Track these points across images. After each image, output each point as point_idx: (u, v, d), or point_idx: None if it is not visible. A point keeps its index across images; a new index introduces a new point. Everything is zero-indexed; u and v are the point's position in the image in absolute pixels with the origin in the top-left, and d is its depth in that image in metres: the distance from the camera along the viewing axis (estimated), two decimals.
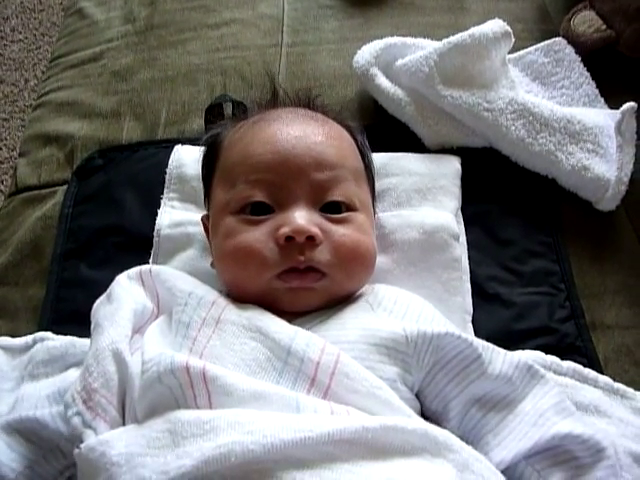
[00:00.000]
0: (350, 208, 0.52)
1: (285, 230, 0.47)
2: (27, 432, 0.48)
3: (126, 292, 0.50)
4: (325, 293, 0.49)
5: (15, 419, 0.48)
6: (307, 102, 0.59)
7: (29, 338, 0.58)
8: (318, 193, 0.50)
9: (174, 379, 0.40)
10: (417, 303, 0.51)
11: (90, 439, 0.40)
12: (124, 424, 0.43)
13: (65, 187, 0.73)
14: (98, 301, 0.51)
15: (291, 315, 0.48)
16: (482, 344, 0.46)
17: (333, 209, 0.51)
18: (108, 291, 0.51)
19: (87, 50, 0.88)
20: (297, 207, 0.49)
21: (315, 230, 0.48)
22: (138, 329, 0.50)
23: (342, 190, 0.51)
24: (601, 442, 0.43)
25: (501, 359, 0.46)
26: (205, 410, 0.39)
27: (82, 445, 0.40)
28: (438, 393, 0.46)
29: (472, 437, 0.45)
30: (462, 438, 0.41)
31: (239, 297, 0.50)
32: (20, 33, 1.74)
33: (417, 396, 0.47)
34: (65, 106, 0.82)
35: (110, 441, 0.39)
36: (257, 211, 0.50)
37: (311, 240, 0.48)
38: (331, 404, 0.40)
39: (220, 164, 0.56)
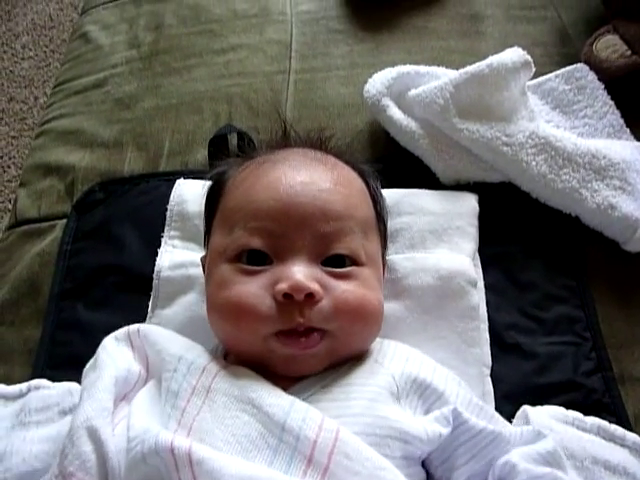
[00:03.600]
0: (355, 262, 0.48)
1: (283, 287, 0.44)
2: None
3: (110, 358, 0.47)
4: (326, 356, 0.46)
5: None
6: (318, 142, 0.56)
7: (23, 386, 0.55)
8: (321, 245, 0.47)
9: (159, 459, 0.37)
10: (429, 365, 0.47)
11: None
12: None
13: (64, 221, 0.71)
14: (88, 365, 0.48)
15: (290, 379, 0.45)
16: (507, 430, 0.43)
17: (336, 263, 0.47)
18: (95, 355, 0.49)
19: (91, 76, 0.86)
20: (297, 260, 0.46)
21: (315, 287, 0.44)
22: (124, 396, 0.47)
23: (347, 243, 0.48)
24: None
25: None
26: None
27: None
28: (445, 460, 0.43)
29: None
30: None
31: (234, 354, 0.47)
32: (30, 50, 1.73)
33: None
34: (67, 135, 0.80)
35: None
36: (253, 260, 0.47)
37: (310, 298, 0.44)
38: None
39: (221, 206, 0.53)
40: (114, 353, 0.47)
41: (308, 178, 0.49)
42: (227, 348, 0.48)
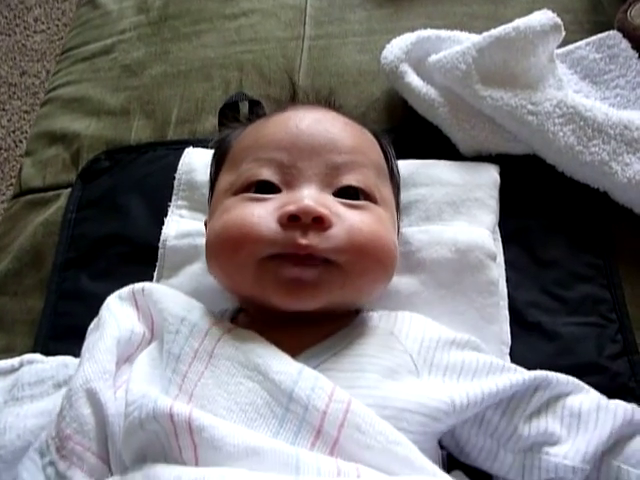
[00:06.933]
0: (369, 198, 0.46)
1: (290, 208, 0.41)
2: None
3: (112, 317, 0.45)
4: (330, 291, 0.42)
5: None
6: (327, 103, 0.54)
7: (15, 360, 0.53)
8: (332, 175, 0.45)
9: (158, 426, 0.35)
10: (449, 334, 0.45)
11: None
12: (110, 469, 0.39)
13: (69, 190, 0.69)
14: (92, 324, 0.47)
15: (298, 344, 0.42)
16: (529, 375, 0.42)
17: (349, 196, 0.45)
18: (99, 314, 0.47)
19: (98, 42, 0.83)
20: (306, 187, 0.44)
21: (324, 210, 0.42)
22: (127, 358, 0.45)
23: (360, 175, 0.46)
24: None
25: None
26: (188, 468, 0.34)
27: None
28: (481, 422, 0.42)
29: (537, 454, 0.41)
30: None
31: (231, 292, 0.46)
32: (43, 23, 1.71)
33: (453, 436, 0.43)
34: (73, 102, 0.78)
35: None
36: (263, 191, 0.45)
37: (319, 223, 0.41)
38: (338, 462, 0.34)
39: (227, 160, 0.51)
40: (117, 313, 0.46)
41: (320, 116, 0.48)
42: (222, 284, 0.46)
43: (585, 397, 0.43)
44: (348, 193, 0.45)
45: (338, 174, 0.45)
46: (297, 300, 0.42)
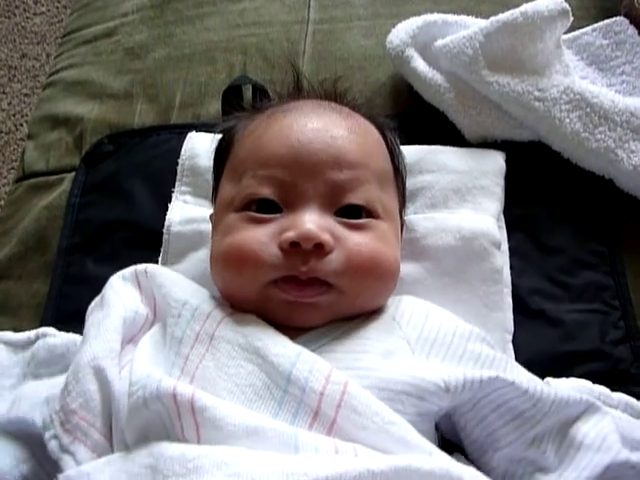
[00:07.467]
0: (371, 214, 0.45)
1: (290, 235, 0.42)
2: (18, 432, 0.45)
3: (117, 297, 0.46)
4: (330, 310, 0.43)
5: (5, 420, 0.45)
6: (333, 93, 0.53)
7: (31, 333, 0.54)
8: (334, 195, 0.45)
9: (161, 405, 0.36)
10: (451, 323, 0.45)
11: (69, 469, 0.37)
12: (112, 446, 0.40)
13: (73, 174, 0.69)
14: (93, 303, 0.48)
15: (299, 329, 0.43)
16: (536, 389, 0.41)
17: (351, 214, 0.45)
18: (102, 293, 0.48)
19: (100, 25, 0.82)
20: (308, 209, 0.44)
21: (325, 237, 0.42)
22: (131, 338, 0.46)
23: (363, 193, 0.45)
24: None
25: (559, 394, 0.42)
26: (191, 445, 0.35)
27: (60, 476, 0.37)
28: (481, 420, 0.42)
29: (522, 469, 0.41)
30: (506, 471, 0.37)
31: (233, 304, 0.46)
32: (43, 5, 1.69)
33: (450, 419, 0.43)
34: (76, 86, 0.77)
35: (91, 474, 0.36)
36: (263, 209, 0.45)
37: (319, 248, 0.42)
38: (336, 442, 0.35)
39: (230, 158, 0.51)
40: (122, 292, 0.46)
41: (321, 125, 0.46)
42: (225, 298, 0.46)
43: (594, 425, 0.41)
44: (350, 211, 0.45)
45: (340, 192, 0.45)
46: (297, 319, 0.43)
